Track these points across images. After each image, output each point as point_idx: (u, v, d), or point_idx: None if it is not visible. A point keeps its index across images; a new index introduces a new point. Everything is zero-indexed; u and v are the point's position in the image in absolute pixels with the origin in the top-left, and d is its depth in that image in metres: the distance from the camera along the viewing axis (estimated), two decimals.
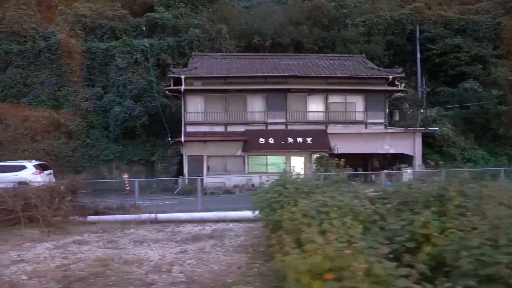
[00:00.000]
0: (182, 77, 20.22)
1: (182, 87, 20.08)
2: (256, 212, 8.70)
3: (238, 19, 28.46)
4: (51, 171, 22.31)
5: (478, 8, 33.54)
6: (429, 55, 29.40)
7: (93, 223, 12.41)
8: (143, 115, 24.63)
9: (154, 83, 25.67)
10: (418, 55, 29.43)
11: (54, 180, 21.92)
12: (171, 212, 13.32)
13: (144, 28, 27.89)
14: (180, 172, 23.86)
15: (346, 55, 25.28)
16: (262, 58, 23.63)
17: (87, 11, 30.85)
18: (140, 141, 25.35)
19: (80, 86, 27.43)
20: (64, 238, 10.51)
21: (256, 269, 7.65)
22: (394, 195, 7.58)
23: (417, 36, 29.58)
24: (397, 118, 24.00)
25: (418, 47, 29.46)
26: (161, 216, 12.62)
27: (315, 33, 28.64)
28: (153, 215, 12.53)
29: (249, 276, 7.31)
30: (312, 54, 25.00)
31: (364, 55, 25.33)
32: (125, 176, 22.73)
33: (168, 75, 20.43)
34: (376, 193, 8.11)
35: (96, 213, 12.86)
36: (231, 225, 12.13)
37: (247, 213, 12.97)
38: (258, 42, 27.86)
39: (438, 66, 29.32)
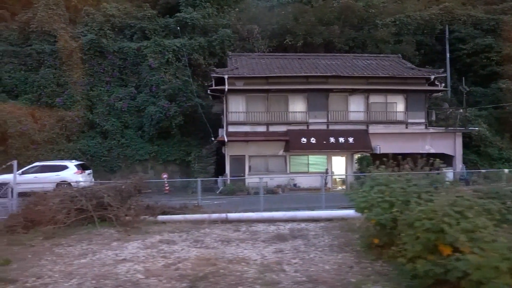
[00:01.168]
0: (225, 77, 20.21)
1: (226, 87, 20.08)
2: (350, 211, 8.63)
3: (269, 19, 28.42)
4: (91, 170, 22.37)
5: (504, 8, 33.49)
6: (459, 55, 29.39)
7: (163, 222, 12.39)
8: (178, 115, 24.63)
9: (190, 83, 25.70)
10: (448, 55, 29.42)
11: (93, 180, 22.03)
12: (238, 212, 13.31)
13: (178, 28, 27.84)
14: (217, 172, 23.88)
15: (382, 55, 25.28)
16: (299, 58, 23.61)
17: (115, 11, 30.89)
18: (175, 141, 25.35)
19: (112, 86, 27.45)
20: (148, 238, 10.48)
21: (370, 269, 7.66)
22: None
23: (447, 36, 29.58)
24: (433, 118, 23.96)
25: (447, 47, 29.46)
26: (232, 215, 12.59)
27: (346, 33, 28.64)
28: (223, 215, 12.50)
29: (367, 275, 7.29)
30: (348, 54, 25.02)
31: (400, 55, 25.33)
32: (165, 176, 22.77)
33: (212, 75, 20.41)
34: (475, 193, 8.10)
35: (164, 212, 12.84)
36: (302, 224, 12.10)
37: (315, 213, 13.12)
38: (290, 42, 27.86)
39: (468, 66, 29.30)
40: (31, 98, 25.55)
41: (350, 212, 12.78)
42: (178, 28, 27.87)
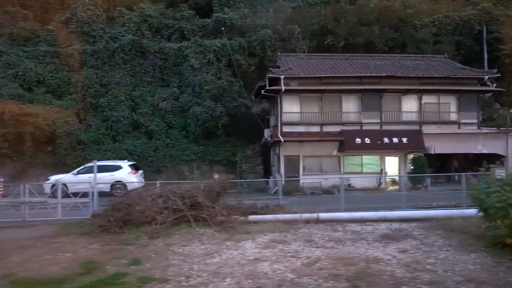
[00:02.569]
0: (282, 77, 20.21)
1: (282, 88, 20.06)
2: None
3: (307, 20, 28.42)
4: (142, 171, 22.42)
5: None
6: (498, 56, 29.32)
7: (255, 222, 12.37)
8: (224, 115, 24.64)
9: (234, 83, 25.72)
10: (486, 55, 29.37)
11: (143, 180, 22.04)
12: (321, 212, 13.27)
13: (223, 28, 27.84)
14: (265, 172, 23.93)
15: (428, 55, 25.26)
16: (347, 59, 23.59)
17: (152, 11, 30.91)
18: (220, 141, 25.35)
19: (153, 86, 27.47)
20: (256, 238, 10.47)
21: None
22: None
23: (484, 36, 29.54)
24: (480, 118, 23.92)
25: (485, 47, 29.42)
26: (323, 215, 12.57)
27: (385, 34, 28.61)
28: (315, 215, 12.47)
29: None
30: (395, 55, 25.01)
31: (446, 55, 25.31)
32: (216, 176, 22.71)
33: (268, 75, 20.39)
34: None
35: (253, 213, 12.82)
36: (395, 224, 12.06)
37: (406, 213, 13.10)
38: (330, 43, 27.85)
39: (507, 67, 29.22)
40: (76, 98, 25.56)
41: (439, 212, 12.86)
42: (223, 28, 27.83)
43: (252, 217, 12.52)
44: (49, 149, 24.08)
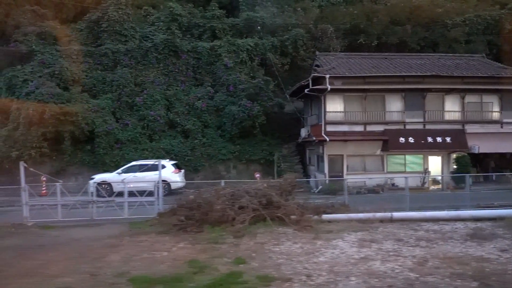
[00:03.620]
0: (327, 76, 20.21)
1: (328, 87, 20.06)
2: None
3: (341, 19, 28.41)
4: (183, 170, 22.44)
5: None
6: None
7: (329, 221, 12.35)
8: (261, 114, 24.63)
9: (270, 82, 25.71)
10: None
11: (184, 179, 22.05)
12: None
13: (259, 27, 27.84)
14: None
15: (466, 55, 25.23)
16: (385, 58, 23.57)
17: (181, 10, 30.89)
18: (256, 140, 25.33)
19: (187, 85, 27.46)
20: (344, 237, 10.45)
21: None
22: None
23: None
24: None
25: None
26: (397, 214, 12.57)
27: (418, 33, 28.57)
28: (388, 214, 12.48)
29: None
30: (433, 54, 24.99)
31: (484, 55, 25.29)
32: (257, 175, 22.74)
33: (313, 74, 20.38)
34: None
35: (324, 212, 12.80)
36: (468, 223, 12.03)
37: (478, 212, 13.07)
38: (363, 42, 27.83)
39: None
40: (112, 98, 25.55)
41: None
42: (259, 27, 27.80)
43: (325, 216, 12.51)
44: (88, 148, 24.09)
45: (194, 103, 25.87)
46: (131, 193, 14.94)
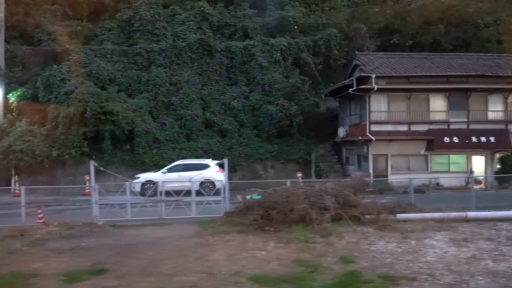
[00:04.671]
0: (373, 76, 20.23)
1: (375, 86, 20.10)
2: None
3: (375, 18, 28.43)
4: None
5: None
6: None
7: (403, 221, 12.37)
8: (298, 114, 24.67)
9: (306, 81, 25.75)
10: None
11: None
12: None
13: (295, 27, 27.86)
14: None
15: (504, 54, 25.19)
16: (425, 58, 23.57)
17: (211, 9, 30.91)
18: (294, 140, 25.36)
19: (221, 85, 27.49)
20: (433, 236, 10.47)
21: None
22: None
23: None
24: None
25: None
26: (471, 214, 12.61)
27: (449, 32, 28.60)
28: (463, 214, 12.51)
29: None
30: (471, 54, 24.99)
31: None
32: (299, 175, 22.78)
33: (360, 74, 20.39)
34: None
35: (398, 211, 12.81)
36: None
37: None
38: (397, 41, 27.84)
39: None
40: (148, 97, 25.57)
41: None
42: (295, 27, 27.83)
43: (400, 216, 12.53)
44: (127, 148, 24.13)
45: (230, 103, 25.89)
46: (176, 193, 14.82)
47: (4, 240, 10.91)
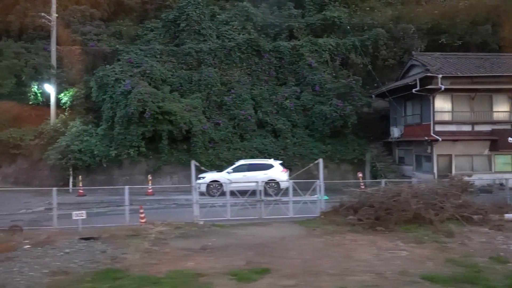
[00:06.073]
0: (439, 76, 20.26)
1: (442, 87, 20.10)
2: None
3: (423, 18, 28.42)
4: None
5: None
6: None
7: (510, 221, 12.41)
8: (353, 114, 24.69)
9: (359, 82, 25.78)
10: None
11: None
12: None
13: (348, 27, 27.88)
14: None
15: None
16: (481, 58, 23.57)
17: (254, 10, 30.92)
18: (348, 140, 25.37)
19: (269, 85, 27.50)
20: None
21: None
22: None
23: None
24: None
25: None
26: None
27: (496, 32, 28.55)
28: None
29: None
30: None
31: None
32: (360, 175, 22.82)
33: (427, 74, 20.38)
34: None
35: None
36: None
37: None
38: (445, 42, 27.84)
39: None
40: (201, 97, 25.61)
41: None
42: (348, 27, 27.85)
43: (507, 216, 12.57)
44: (184, 148, 24.17)
45: (282, 103, 25.91)
46: (241, 193, 14.82)
47: (127, 239, 10.97)
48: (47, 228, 12.63)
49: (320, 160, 14.67)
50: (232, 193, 15.98)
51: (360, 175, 22.48)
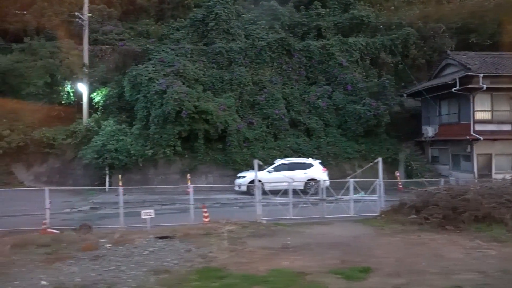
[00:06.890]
0: (480, 75, 20.29)
1: (484, 86, 20.14)
2: None
3: (453, 17, 28.45)
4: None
5: None
6: None
7: None
8: (387, 113, 24.72)
9: (392, 81, 25.81)
10: None
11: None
12: None
13: (381, 26, 27.91)
14: None
15: None
16: None
17: (281, 9, 30.94)
18: (381, 139, 25.40)
19: (300, 84, 27.53)
20: None
21: None
22: None
23: None
24: None
25: None
26: None
27: None
28: None
29: None
30: None
31: None
32: (398, 174, 22.85)
33: (468, 73, 20.42)
34: None
35: None
36: None
37: None
38: (474, 41, 27.86)
39: None
40: (233, 96, 25.63)
41: None
42: (381, 26, 27.87)
43: None
44: (219, 147, 24.21)
45: (314, 102, 25.93)
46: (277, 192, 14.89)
47: (203, 238, 11.01)
48: (114, 227, 12.64)
49: (380, 160, 14.59)
50: (272, 192, 16.11)
51: (398, 174, 22.51)
